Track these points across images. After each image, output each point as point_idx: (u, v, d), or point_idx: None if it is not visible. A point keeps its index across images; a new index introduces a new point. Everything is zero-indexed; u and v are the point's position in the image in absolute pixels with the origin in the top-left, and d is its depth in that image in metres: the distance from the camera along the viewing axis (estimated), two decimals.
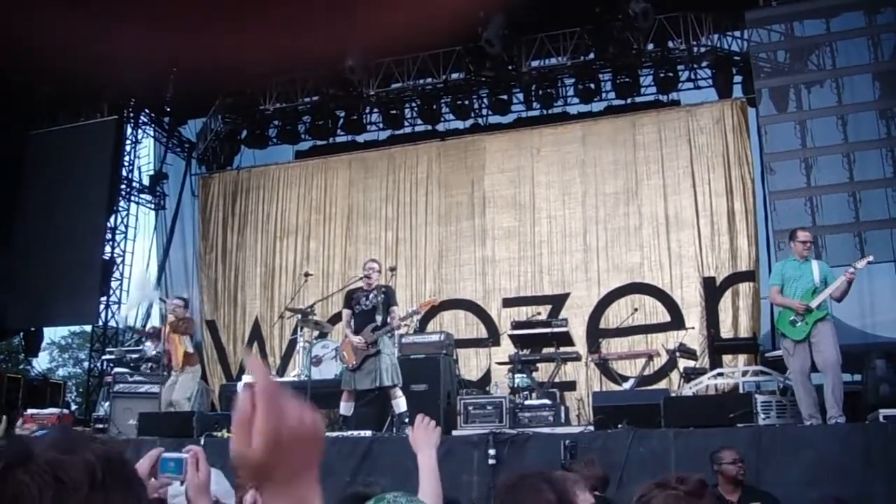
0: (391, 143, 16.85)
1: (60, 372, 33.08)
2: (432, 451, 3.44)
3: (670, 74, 14.90)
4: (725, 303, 13.67)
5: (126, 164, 18.52)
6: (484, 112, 16.40)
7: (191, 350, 11.80)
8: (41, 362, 23.26)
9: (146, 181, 19.10)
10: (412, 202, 16.02)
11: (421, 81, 15.84)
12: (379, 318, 9.63)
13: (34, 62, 13.18)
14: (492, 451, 8.12)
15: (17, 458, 1.16)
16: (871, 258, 8.97)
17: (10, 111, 16.08)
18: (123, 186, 18.38)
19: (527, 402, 10.10)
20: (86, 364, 23.49)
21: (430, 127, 16.55)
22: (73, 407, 17.62)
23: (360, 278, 10.16)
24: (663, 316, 13.77)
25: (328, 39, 13.77)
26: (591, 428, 9.04)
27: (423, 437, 3.49)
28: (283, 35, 12.63)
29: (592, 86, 15.32)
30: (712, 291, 13.77)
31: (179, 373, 11.55)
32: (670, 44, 14.52)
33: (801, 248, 8.87)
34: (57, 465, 1.16)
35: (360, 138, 17.19)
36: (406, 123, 16.80)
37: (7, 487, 1.13)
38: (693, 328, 13.11)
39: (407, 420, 9.29)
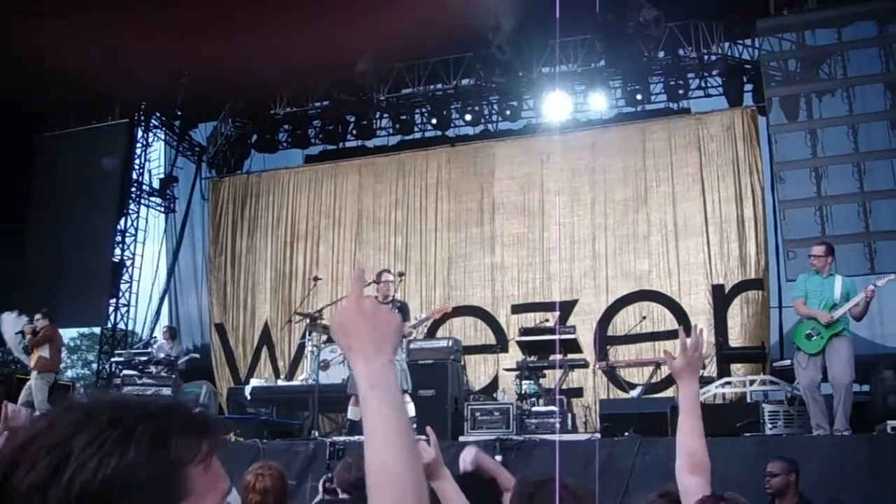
0: (401, 148, 16.87)
1: (69, 373, 33.09)
2: (695, 382, 3.03)
3: (681, 82, 14.88)
4: (734, 311, 13.64)
5: (137, 167, 18.57)
6: (494, 118, 16.41)
7: (47, 356, 12.46)
8: None
9: (156, 184, 19.15)
10: (422, 208, 16.03)
11: (431, 87, 15.86)
12: None
13: (46, 65, 13.23)
14: (498, 458, 8.10)
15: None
16: (893, 277, 8.84)
17: (22, 114, 16.14)
18: (134, 189, 18.43)
19: (534, 409, 10.12)
20: (94, 366, 23.58)
21: (440, 132, 16.56)
22: None
23: (371, 283, 10.18)
24: (671, 323, 13.74)
25: (339, 44, 13.81)
26: (598, 435, 9.03)
27: (689, 364, 3.03)
28: (294, 39, 12.67)
29: (602, 93, 15.32)
30: (721, 299, 13.74)
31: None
32: (681, 52, 14.49)
33: (813, 262, 8.90)
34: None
35: (371, 143, 17.20)
36: (416, 129, 16.79)
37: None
38: (714, 342, 13.07)
39: (415, 426, 9.29)
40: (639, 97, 15.17)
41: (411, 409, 9.52)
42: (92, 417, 1.18)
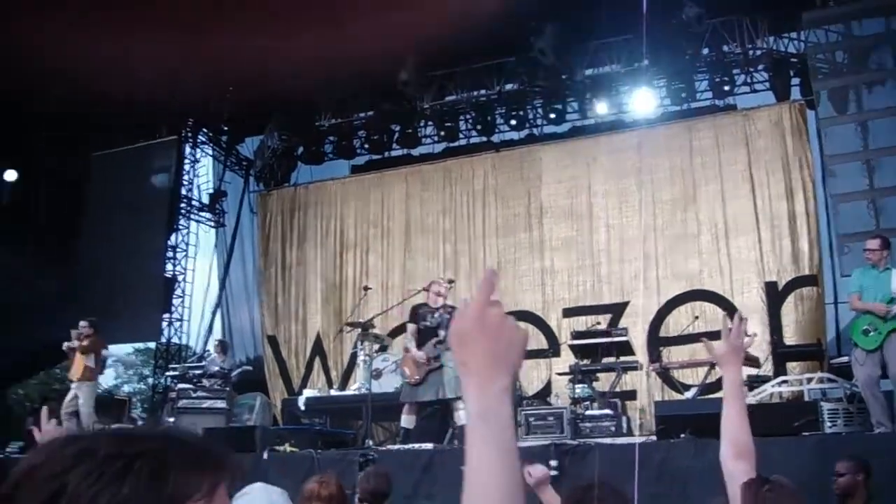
0: (447, 155, 16.87)
1: (126, 388, 33.52)
2: (739, 368, 2.99)
3: (726, 79, 14.71)
4: (788, 308, 13.46)
5: (186, 182, 18.80)
6: (539, 122, 16.37)
7: (93, 365, 12.46)
8: (107, 379, 23.64)
9: (205, 199, 19.37)
10: (469, 215, 16.02)
11: (475, 93, 15.87)
12: (442, 335, 9.63)
13: (94, 86, 13.44)
14: (553, 462, 8.04)
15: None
16: None
17: (72, 134, 16.42)
18: (183, 205, 18.67)
19: (588, 413, 10.05)
20: (150, 380, 23.86)
21: (485, 138, 16.54)
22: (139, 422, 17.84)
23: (421, 290, 10.21)
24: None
25: (381, 54, 13.88)
26: (654, 438, 8.95)
27: (733, 350, 3.01)
28: (336, 51, 12.75)
29: (647, 93, 15.20)
30: (774, 297, 13.57)
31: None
32: (725, 48, 14.33)
33: (868, 256, 8.78)
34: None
35: (416, 152, 17.24)
36: (461, 135, 16.80)
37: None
38: (755, 335, 12.82)
39: None
40: (684, 95, 15.07)
41: (465, 417, 9.49)
42: (90, 450, 1.15)
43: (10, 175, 16.07)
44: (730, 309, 13.51)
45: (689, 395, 11.32)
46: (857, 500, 6.28)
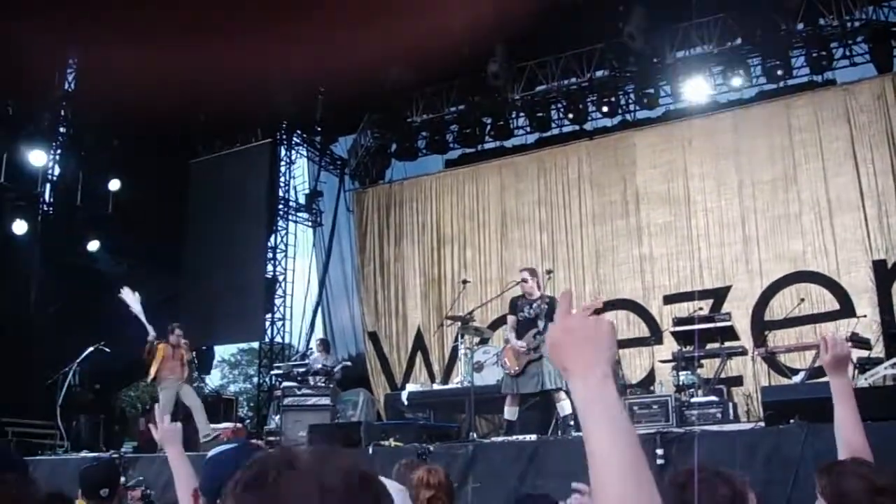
0: (540, 145, 16.82)
1: (232, 388, 34.33)
2: (845, 375, 3.09)
3: (823, 53, 14.30)
4: None
5: (282, 184, 19.15)
6: (631, 108, 16.19)
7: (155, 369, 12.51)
8: (213, 379, 24.23)
9: (302, 200, 19.68)
10: (565, 204, 15.94)
11: (565, 82, 15.77)
12: (541, 325, 9.61)
13: (190, 94, 13.74)
14: (659, 451, 7.95)
15: (285, 465, 1.31)
16: None
17: (171, 143, 16.84)
18: (281, 206, 19.02)
19: (693, 400, 9.90)
20: (255, 379, 24.34)
21: (577, 127, 16.42)
22: (246, 421, 18.23)
23: (518, 283, 10.21)
24: (832, 304, 13.27)
25: (470, 46, 13.88)
26: (762, 424, 8.77)
27: (836, 360, 3.10)
28: (426, 45, 12.79)
29: (742, 72, 14.88)
30: (884, 275, 13.16)
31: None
32: (821, 21, 13.95)
33: None
34: (320, 471, 1.30)
35: (509, 143, 17.23)
36: (553, 125, 16.72)
37: (279, 492, 1.27)
38: (865, 316, 12.50)
39: (572, 423, 9.26)
40: (780, 72, 14.68)
41: (568, 407, 9.47)
42: None
43: (114, 185, 16.53)
44: (841, 293, 13.20)
45: (797, 379, 11.06)
46: None
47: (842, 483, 2.52)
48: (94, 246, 16.52)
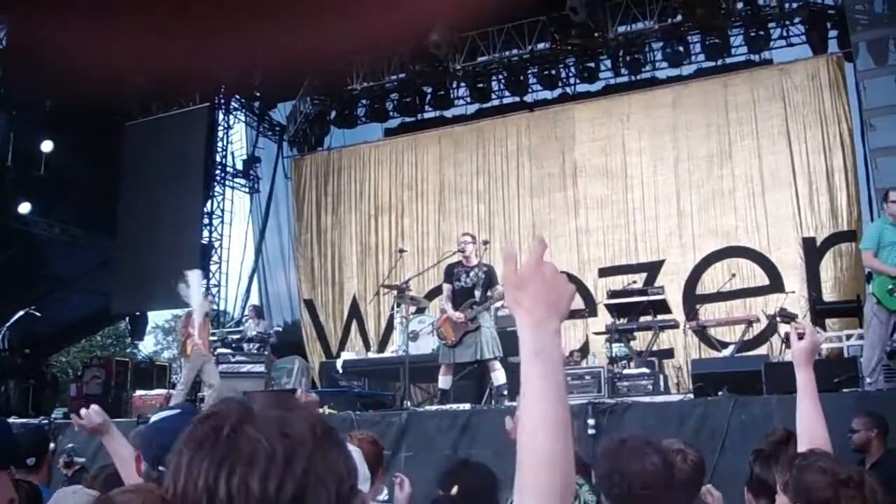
0: (480, 116, 16.82)
1: (165, 354, 33.97)
2: (811, 366, 3.01)
3: (761, 33, 14.54)
4: (827, 264, 13.35)
5: (220, 149, 18.88)
6: (572, 81, 16.25)
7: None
8: (147, 345, 24.03)
9: (240, 165, 19.49)
10: (503, 175, 15.98)
11: (507, 53, 15.76)
12: (478, 295, 9.64)
13: (125, 57, 13.49)
14: (591, 422, 8.08)
15: (245, 415, 1.25)
16: None
17: (105, 105, 16.49)
18: (218, 172, 18.77)
19: (625, 372, 10.05)
20: None
21: (518, 99, 16.48)
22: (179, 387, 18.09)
23: (455, 252, 10.21)
24: (762, 279, 13.53)
25: (412, 16, 13.80)
26: (691, 396, 8.94)
27: (806, 351, 3.04)
28: (367, 14, 12.69)
29: (681, 49, 15.04)
30: (812, 253, 13.45)
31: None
32: (760, 1, 14.15)
33: (893, 210, 8.08)
34: (283, 421, 1.25)
35: (449, 113, 17.22)
36: (494, 96, 16.74)
37: (241, 443, 1.22)
38: (794, 291, 12.77)
39: (506, 392, 9.34)
40: (719, 50, 14.87)
41: (502, 377, 9.55)
42: None
43: (47, 146, 16.14)
44: (771, 269, 13.46)
45: (726, 352, 11.28)
46: (873, 455, 6.30)
47: (805, 477, 2.58)
48: (25, 208, 16.13)
